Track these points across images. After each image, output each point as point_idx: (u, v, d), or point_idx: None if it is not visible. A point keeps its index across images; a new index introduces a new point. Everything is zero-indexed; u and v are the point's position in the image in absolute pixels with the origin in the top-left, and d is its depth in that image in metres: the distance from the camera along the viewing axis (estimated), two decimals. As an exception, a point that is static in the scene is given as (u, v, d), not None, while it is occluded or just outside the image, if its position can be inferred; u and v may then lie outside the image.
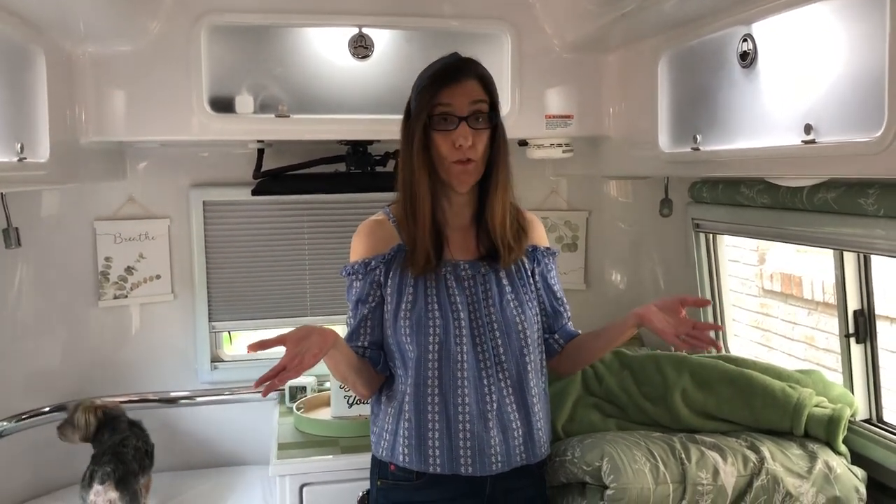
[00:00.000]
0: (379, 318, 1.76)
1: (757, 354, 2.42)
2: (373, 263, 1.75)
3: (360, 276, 1.76)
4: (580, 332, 1.93)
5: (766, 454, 1.85)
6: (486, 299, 1.76)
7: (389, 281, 1.74)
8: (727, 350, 2.65)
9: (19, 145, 1.79)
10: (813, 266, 3.45)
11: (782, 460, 1.85)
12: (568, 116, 2.52)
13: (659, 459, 1.80)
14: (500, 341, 1.74)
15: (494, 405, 1.72)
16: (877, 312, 2.09)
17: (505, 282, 1.79)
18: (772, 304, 3.81)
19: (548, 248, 1.90)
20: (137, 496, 2.30)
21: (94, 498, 2.23)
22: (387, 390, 1.79)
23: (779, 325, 3.74)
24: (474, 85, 1.70)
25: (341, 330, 1.77)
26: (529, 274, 1.84)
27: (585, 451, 1.84)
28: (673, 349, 2.34)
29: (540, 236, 1.91)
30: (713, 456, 1.82)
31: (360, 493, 2.21)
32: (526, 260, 1.85)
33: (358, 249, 1.80)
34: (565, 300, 1.92)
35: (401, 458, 1.72)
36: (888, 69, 1.33)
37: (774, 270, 3.76)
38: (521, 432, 1.74)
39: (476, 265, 1.78)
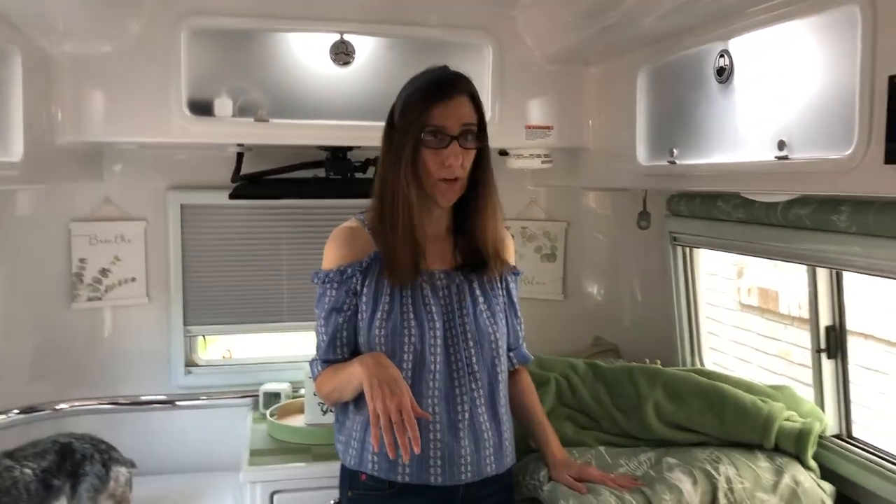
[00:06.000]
0: (353, 327, 1.74)
1: (733, 368, 2.44)
2: (349, 271, 1.73)
3: (336, 285, 1.73)
4: (532, 357, 1.96)
5: (733, 468, 1.86)
6: (460, 309, 1.75)
7: (365, 289, 1.72)
8: (702, 364, 2.66)
9: (-8, 144, 1.78)
10: (789, 281, 3.47)
11: (749, 474, 1.86)
12: (548, 127, 2.53)
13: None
14: (473, 351, 1.74)
15: (466, 415, 1.71)
16: (849, 329, 2.11)
17: (478, 292, 1.79)
18: (749, 319, 3.83)
19: (514, 268, 1.91)
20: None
21: (117, 475, 2.30)
22: (355, 398, 1.74)
23: (755, 339, 3.76)
24: (466, 103, 1.68)
25: (313, 336, 1.75)
26: (500, 287, 1.84)
27: (556, 492, 1.82)
28: (647, 361, 2.36)
29: (511, 254, 1.91)
30: (678, 479, 1.83)
31: (331, 502, 2.19)
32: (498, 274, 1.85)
33: (332, 257, 1.76)
34: (522, 322, 1.93)
35: (370, 465, 1.70)
36: (858, 88, 1.35)
37: (752, 285, 3.79)
38: (492, 442, 1.74)
39: (451, 275, 1.78)
